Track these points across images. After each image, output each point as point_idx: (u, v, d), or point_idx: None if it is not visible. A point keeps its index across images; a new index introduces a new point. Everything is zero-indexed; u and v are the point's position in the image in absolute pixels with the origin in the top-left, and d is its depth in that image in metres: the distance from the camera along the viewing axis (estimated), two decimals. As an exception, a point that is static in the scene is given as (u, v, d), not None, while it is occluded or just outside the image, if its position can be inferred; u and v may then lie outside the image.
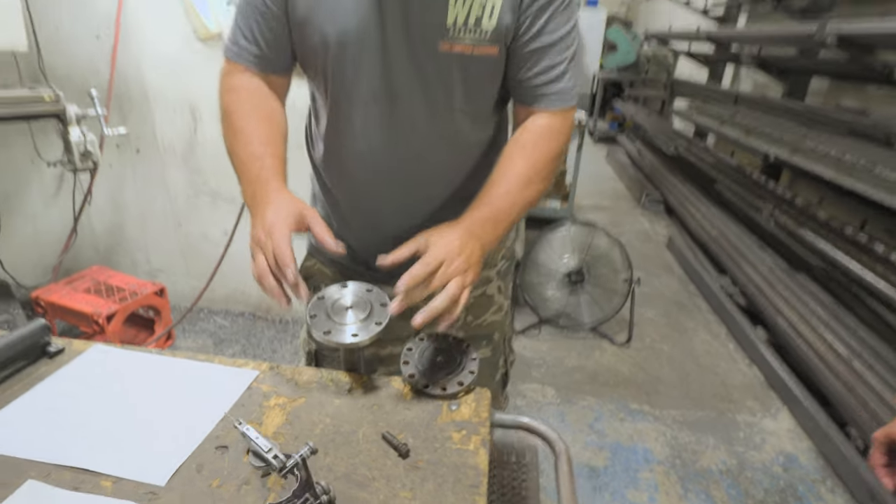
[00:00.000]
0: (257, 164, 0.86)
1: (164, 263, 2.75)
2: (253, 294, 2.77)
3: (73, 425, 0.71)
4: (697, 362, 2.60)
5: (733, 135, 3.64)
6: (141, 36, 2.30)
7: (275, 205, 0.80)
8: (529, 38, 0.87)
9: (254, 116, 0.90)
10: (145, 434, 0.71)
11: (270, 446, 0.56)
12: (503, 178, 0.89)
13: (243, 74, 0.94)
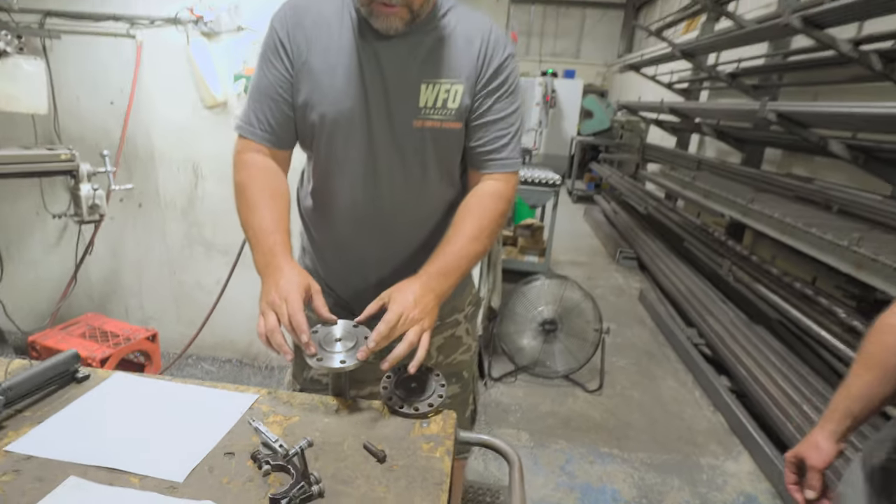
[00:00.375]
0: (270, 238, 1.03)
1: (157, 310, 2.87)
2: (240, 341, 2.88)
3: (103, 435, 0.85)
4: (665, 408, 2.74)
5: (694, 197, 3.95)
6: (152, 103, 2.54)
7: (287, 276, 0.97)
8: (480, 115, 1.09)
9: (266, 193, 1.08)
10: (164, 442, 0.84)
11: (277, 438, 0.71)
12: (454, 236, 1.07)
13: (255, 153, 1.12)
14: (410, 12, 0.98)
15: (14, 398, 0.87)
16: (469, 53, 1.07)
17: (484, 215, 1.09)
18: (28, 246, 2.77)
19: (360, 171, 1.10)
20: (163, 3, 2.37)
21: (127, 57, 2.46)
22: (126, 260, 2.81)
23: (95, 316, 2.61)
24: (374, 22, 0.99)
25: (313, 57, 1.06)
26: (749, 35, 3.72)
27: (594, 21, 12.40)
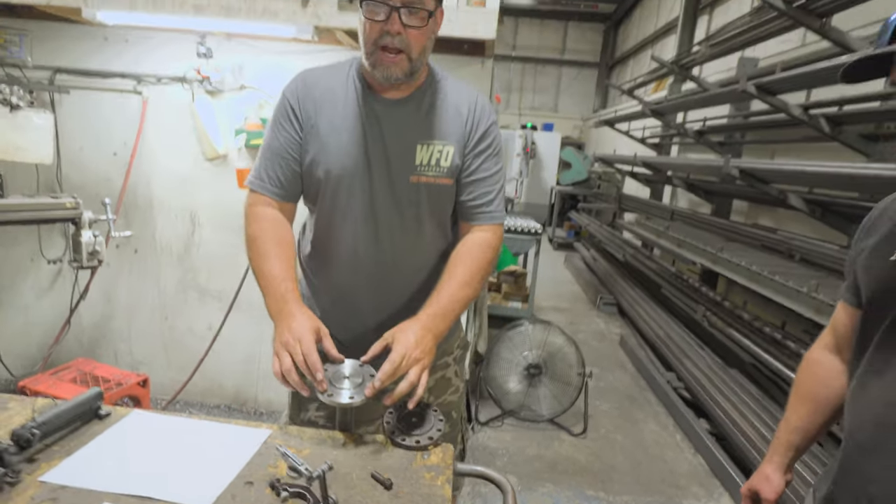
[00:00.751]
0: (282, 285, 1.13)
1: (146, 355, 2.88)
2: (229, 387, 2.90)
3: (130, 467, 0.91)
4: (647, 452, 2.81)
5: (669, 246, 4.16)
6: (154, 155, 2.66)
7: (299, 319, 1.07)
8: (470, 174, 1.24)
9: (275, 243, 1.19)
10: (188, 473, 0.91)
11: (303, 462, 0.79)
12: (448, 281, 1.19)
13: (265, 206, 1.24)
14: (409, 62, 1.12)
15: (47, 433, 0.94)
16: (459, 119, 1.22)
17: (474, 263, 1.22)
18: (20, 291, 2.80)
19: (361, 221, 1.22)
20: (170, 63, 2.53)
21: (132, 111, 2.60)
22: (118, 305, 2.84)
23: (86, 361, 2.62)
24: (377, 72, 1.13)
25: (321, 121, 1.20)
26: (712, 97, 4.05)
27: (570, 78, 13.11)
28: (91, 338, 2.90)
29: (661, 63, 5.04)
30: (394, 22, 1.07)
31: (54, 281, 2.83)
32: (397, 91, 1.19)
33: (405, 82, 1.16)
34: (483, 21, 1.99)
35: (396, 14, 1.07)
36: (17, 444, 0.89)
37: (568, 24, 12.76)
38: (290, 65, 2.48)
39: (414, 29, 1.09)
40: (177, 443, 1.01)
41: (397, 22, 1.07)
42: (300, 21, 2.04)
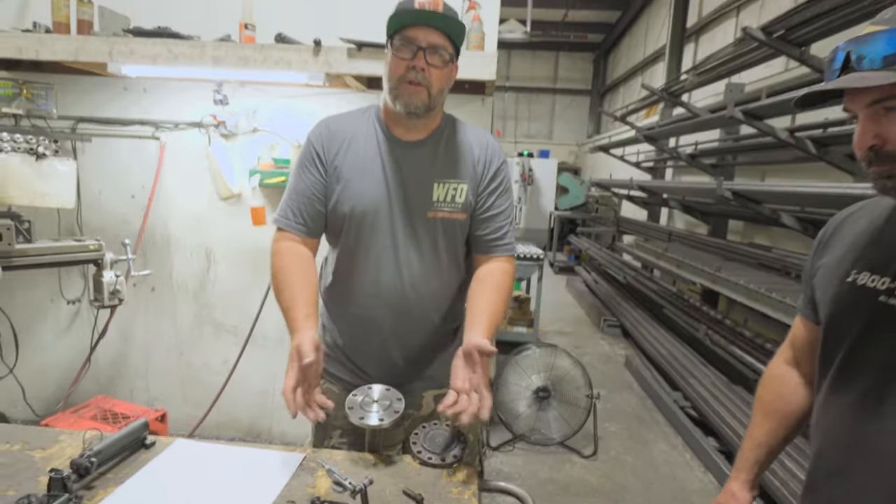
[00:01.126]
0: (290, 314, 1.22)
1: (163, 391, 2.94)
2: (244, 420, 2.94)
3: (178, 493, 0.99)
4: (658, 471, 2.84)
5: (668, 267, 4.25)
6: (170, 196, 2.77)
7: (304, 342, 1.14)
8: (485, 210, 1.35)
9: (297, 276, 1.28)
10: (233, 496, 0.99)
11: (346, 477, 0.87)
12: (481, 303, 1.27)
13: (290, 241, 1.34)
14: (429, 96, 1.24)
15: (102, 461, 1.01)
16: (471, 159, 1.34)
17: (501, 287, 1.32)
18: (39, 332, 2.87)
19: (382, 253, 1.32)
20: (186, 108, 2.67)
21: (150, 156, 2.73)
22: (135, 342, 2.91)
23: (105, 398, 2.68)
24: (399, 103, 1.24)
25: (345, 163, 1.31)
26: (702, 123, 4.20)
27: (563, 106, 13.43)
28: (107, 375, 2.96)
29: (651, 90, 5.24)
30: (419, 59, 1.20)
31: (72, 321, 2.91)
32: (415, 133, 1.31)
33: (423, 118, 1.28)
34: (482, 64, 2.14)
35: (422, 53, 1.20)
36: (77, 472, 0.97)
37: (559, 54, 13.16)
38: (302, 108, 2.62)
39: (435, 68, 1.22)
40: (219, 469, 1.08)
41: (422, 59, 1.21)
42: (312, 69, 2.17)
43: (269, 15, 2.43)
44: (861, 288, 0.83)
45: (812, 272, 0.98)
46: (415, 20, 1.20)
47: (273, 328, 2.81)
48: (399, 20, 1.21)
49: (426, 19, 1.20)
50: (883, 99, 0.70)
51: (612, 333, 5.40)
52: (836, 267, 0.90)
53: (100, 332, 2.71)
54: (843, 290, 0.86)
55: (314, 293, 1.30)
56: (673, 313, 4.68)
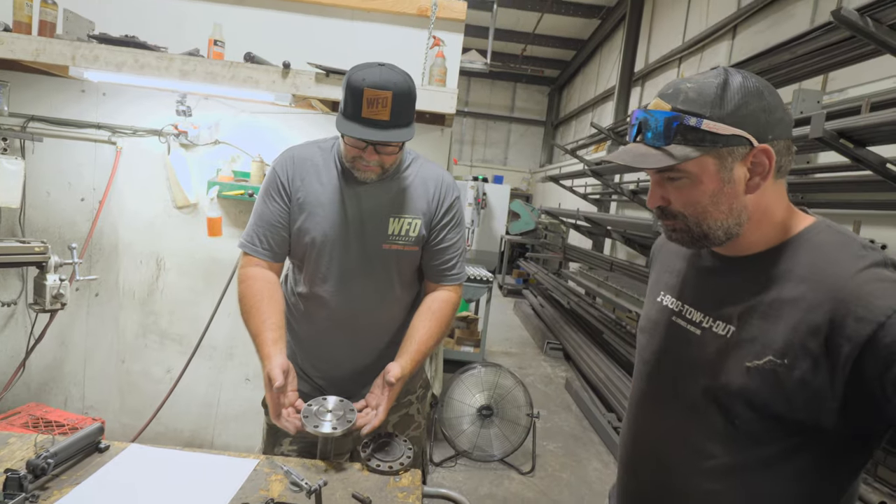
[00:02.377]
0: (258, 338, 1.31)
1: (99, 400, 2.85)
2: (185, 431, 2.90)
3: (134, 494, 1.03)
4: (591, 487, 3.01)
5: (608, 294, 4.52)
6: (122, 200, 2.74)
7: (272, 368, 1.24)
8: (437, 243, 1.47)
9: (264, 300, 1.36)
10: (188, 498, 1.04)
11: (303, 477, 0.95)
12: (417, 331, 1.39)
13: (256, 267, 1.42)
14: (382, 171, 1.35)
15: (58, 463, 1.04)
16: (426, 196, 1.46)
17: (438, 318, 1.44)
18: (-33, 334, 2.74)
19: (340, 280, 1.42)
20: (147, 116, 2.66)
21: (104, 160, 2.69)
22: (73, 348, 2.82)
23: (37, 405, 2.58)
24: (355, 173, 1.36)
25: (308, 194, 1.41)
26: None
27: (518, 135, 13.92)
28: (40, 382, 2.84)
29: (599, 129, 5.58)
30: (369, 153, 1.29)
31: (5, 324, 2.79)
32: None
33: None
34: (444, 99, 2.28)
35: (372, 147, 1.28)
36: (33, 473, 1.00)
37: (517, 84, 13.68)
38: (265, 124, 2.68)
39: (386, 155, 1.32)
40: (173, 472, 1.13)
41: (372, 152, 1.29)
42: (280, 90, 2.25)
43: (237, 34, 2.50)
44: (664, 308, 1.00)
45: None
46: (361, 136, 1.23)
47: (221, 339, 2.80)
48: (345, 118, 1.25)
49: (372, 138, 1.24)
50: (664, 170, 0.83)
51: (555, 356, 5.61)
52: (652, 288, 1.07)
53: (37, 336, 2.62)
54: (655, 310, 1.03)
55: (281, 317, 1.38)
56: (611, 339, 4.94)
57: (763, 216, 0.84)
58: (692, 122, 0.78)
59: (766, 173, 0.81)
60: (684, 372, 0.92)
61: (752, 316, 0.83)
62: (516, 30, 10.32)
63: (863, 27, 2.07)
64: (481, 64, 7.22)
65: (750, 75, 0.81)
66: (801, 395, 0.77)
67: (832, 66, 2.77)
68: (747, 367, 0.81)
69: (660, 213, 0.90)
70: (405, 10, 2.60)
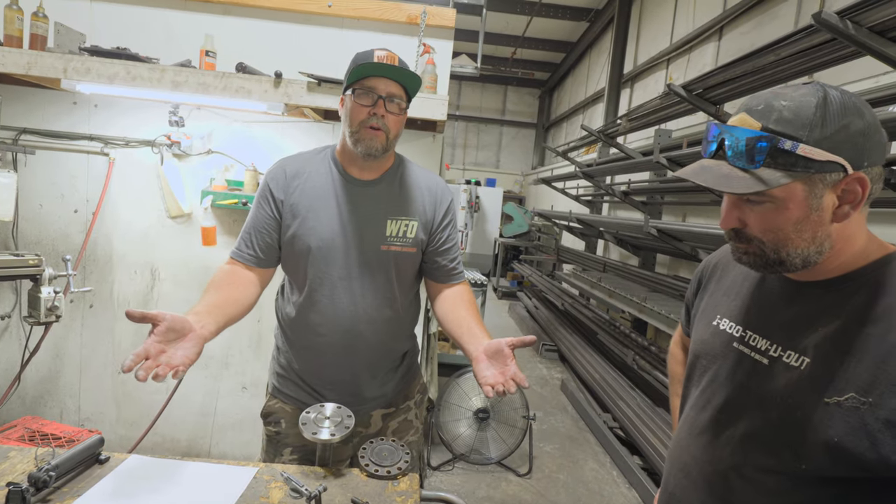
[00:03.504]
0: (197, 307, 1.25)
1: (95, 411, 2.85)
2: (182, 440, 2.89)
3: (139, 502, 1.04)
4: (587, 487, 3.03)
5: (601, 296, 4.55)
6: (116, 211, 2.74)
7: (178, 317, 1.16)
8: (441, 244, 1.50)
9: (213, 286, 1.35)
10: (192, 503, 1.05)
11: (303, 484, 0.96)
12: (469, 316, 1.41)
13: (234, 265, 1.43)
14: (386, 139, 1.38)
15: (59, 476, 1.05)
16: (423, 200, 1.48)
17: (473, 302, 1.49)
18: (-40, 348, 2.73)
19: (338, 284, 1.43)
20: (139, 127, 2.67)
21: (97, 171, 2.70)
22: (69, 361, 2.82)
23: (32, 419, 2.57)
24: (360, 146, 1.36)
25: (301, 201, 1.42)
26: (633, 164, 4.59)
27: (510, 138, 13.97)
28: (35, 395, 2.84)
29: (590, 131, 5.63)
30: (379, 106, 1.35)
31: (0, 338, 2.78)
32: (369, 173, 1.44)
33: (378, 159, 1.41)
34: (435, 105, 2.31)
35: (381, 101, 1.34)
36: (35, 485, 1.01)
37: (507, 87, 13.74)
38: (258, 133, 2.70)
39: (392, 115, 1.37)
40: (175, 482, 1.14)
41: (382, 106, 1.35)
42: (272, 99, 2.27)
43: (229, 44, 2.51)
44: (723, 333, 0.95)
45: (691, 303, 1.12)
46: (375, 72, 1.34)
47: (218, 348, 2.81)
48: (361, 71, 1.34)
49: (386, 72, 1.34)
50: (750, 193, 0.77)
51: (550, 358, 5.64)
52: (706, 311, 1.02)
53: (31, 349, 2.61)
54: (709, 334, 0.98)
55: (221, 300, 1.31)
56: (606, 340, 4.98)
57: (845, 244, 0.79)
58: (787, 146, 0.72)
59: (858, 202, 0.75)
60: (750, 404, 0.86)
61: (832, 348, 0.77)
62: (506, 33, 10.39)
63: (843, 30, 2.12)
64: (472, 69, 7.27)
65: (847, 92, 0.75)
66: (888, 438, 0.70)
67: (816, 68, 2.82)
68: (826, 404, 0.75)
69: (734, 236, 0.84)
70: (395, 19, 2.63)
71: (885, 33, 2.10)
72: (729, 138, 0.77)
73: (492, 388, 1.14)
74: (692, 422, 0.97)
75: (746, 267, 0.86)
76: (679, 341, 1.29)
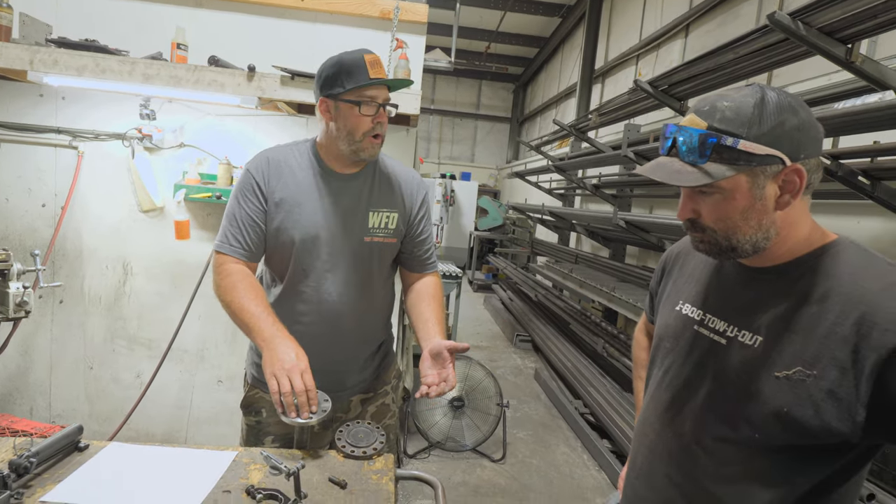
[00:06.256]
0: (270, 318, 1.32)
1: (67, 408, 2.82)
2: (157, 434, 2.89)
3: (118, 486, 1.07)
4: (559, 471, 3.14)
5: (573, 287, 4.67)
6: (86, 205, 2.71)
7: (299, 352, 1.27)
8: (417, 235, 1.56)
9: (252, 290, 1.39)
10: (172, 487, 1.09)
11: (282, 461, 1.01)
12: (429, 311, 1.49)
13: (232, 264, 1.44)
14: (382, 143, 1.45)
15: (40, 462, 1.08)
16: (401, 192, 1.54)
17: (439, 296, 1.56)
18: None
19: (322, 276, 1.48)
20: (110, 120, 2.64)
21: (66, 165, 2.65)
22: (38, 357, 2.78)
23: (1, 416, 2.53)
24: (363, 153, 1.41)
25: (285, 194, 1.45)
26: (603, 158, 4.71)
27: (485, 132, 14.06)
28: (3, 392, 2.79)
29: (561, 126, 5.74)
30: (381, 115, 1.40)
31: (-35, 334, 2.73)
32: (350, 168, 1.48)
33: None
34: (408, 100, 2.35)
35: (383, 109, 1.40)
36: (16, 471, 1.03)
37: (482, 82, 13.81)
38: (231, 126, 2.70)
39: (387, 121, 1.43)
40: (155, 466, 1.17)
41: (383, 115, 1.40)
42: (245, 93, 2.28)
43: (201, 37, 2.50)
44: (685, 317, 1.02)
45: (655, 290, 1.20)
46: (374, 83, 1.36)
47: (192, 342, 2.81)
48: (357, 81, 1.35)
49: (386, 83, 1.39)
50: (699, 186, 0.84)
51: (524, 348, 5.76)
52: (670, 296, 1.09)
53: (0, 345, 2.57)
54: (672, 318, 1.05)
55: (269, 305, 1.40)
56: (578, 329, 5.11)
57: (790, 230, 0.86)
58: (729, 142, 0.79)
59: (797, 191, 0.82)
60: (709, 380, 0.93)
61: (781, 327, 0.85)
62: (480, 27, 10.43)
63: (795, 30, 2.24)
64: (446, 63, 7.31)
65: (784, 93, 0.82)
66: (829, 406, 0.78)
67: (772, 66, 2.96)
68: (776, 377, 0.83)
69: (689, 226, 0.91)
70: (368, 13, 2.65)
71: (834, 34, 2.22)
72: (681, 137, 0.84)
73: (427, 388, 1.32)
74: (657, 400, 1.04)
75: (704, 254, 0.94)
76: (643, 328, 1.37)
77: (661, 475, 1.00)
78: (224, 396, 2.87)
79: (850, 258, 0.84)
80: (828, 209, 3.12)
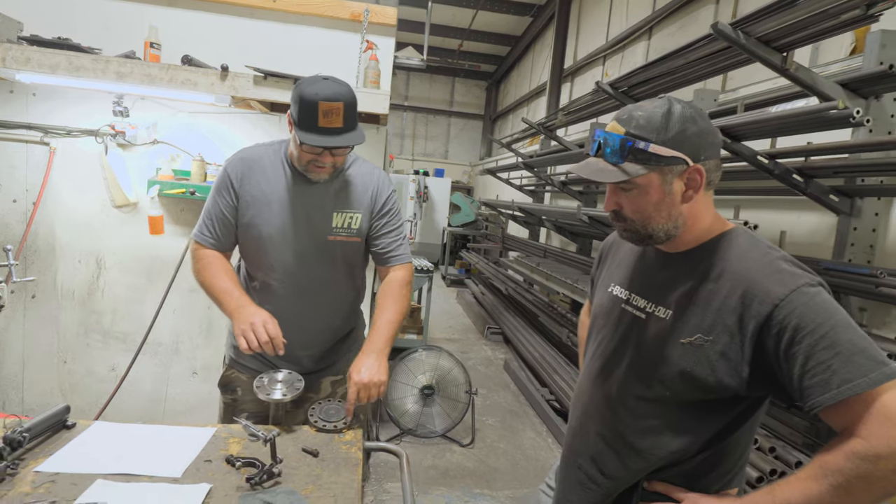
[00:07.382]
0: (237, 291, 1.48)
1: (40, 403, 2.84)
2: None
3: (108, 456, 1.17)
4: (525, 454, 3.30)
5: (540, 280, 4.85)
6: (58, 200, 2.73)
7: (262, 312, 1.41)
8: (379, 230, 1.67)
9: (221, 270, 1.53)
10: (157, 457, 1.19)
11: (259, 429, 1.12)
12: (382, 313, 1.57)
13: (206, 250, 1.58)
14: (333, 169, 1.53)
15: (32, 438, 1.16)
16: (365, 193, 1.65)
17: (399, 295, 1.63)
18: None
19: (288, 270, 1.59)
20: (82, 117, 2.67)
21: (37, 160, 2.68)
22: (10, 351, 2.80)
23: (-26, 410, 2.55)
24: (310, 175, 1.52)
25: (256, 192, 1.56)
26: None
27: (458, 129, 14.19)
28: (-26, 388, 2.80)
29: (530, 124, 5.91)
30: (324, 156, 1.46)
31: (-66, 330, 2.73)
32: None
33: None
34: (378, 100, 2.46)
35: (328, 151, 1.45)
36: (10, 445, 1.12)
37: (455, 79, 13.93)
38: (204, 124, 2.76)
39: (339, 156, 1.50)
40: (140, 441, 1.27)
41: (327, 156, 1.46)
42: (219, 91, 2.35)
43: (173, 36, 2.56)
44: (615, 297, 1.17)
45: (595, 276, 1.35)
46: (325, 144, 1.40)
47: (167, 335, 2.86)
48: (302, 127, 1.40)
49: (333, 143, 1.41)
50: (618, 183, 0.99)
51: (495, 340, 5.93)
52: (604, 280, 1.24)
53: (-29, 340, 2.59)
54: (605, 298, 1.20)
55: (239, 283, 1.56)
56: (546, 321, 5.30)
57: (695, 221, 1.02)
58: (641, 146, 0.95)
59: (699, 187, 0.98)
60: (632, 349, 1.09)
61: (686, 301, 1.01)
62: (452, 25, 10.55)
63: (736, 39, 2.43)
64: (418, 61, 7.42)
65: (688, 105, 0.98)
66: (722, 366, 0.95)
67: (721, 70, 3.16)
68: (681, 344, 1.00)
69: (614, 216, 1.06)
70: (339, 15, 2.75)
71: (771, 42, 2.42)
72: (605, 140, 0.99)
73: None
74: (590, 369, 1.20)
75: (628, 242, 1.10)
76: (588, 311, 1.51)
77: (592, 433, 1.15)
78: (199, 388, 2.94)
79: (740, 243, 1.01)
80: (772, 205, 3.35)
